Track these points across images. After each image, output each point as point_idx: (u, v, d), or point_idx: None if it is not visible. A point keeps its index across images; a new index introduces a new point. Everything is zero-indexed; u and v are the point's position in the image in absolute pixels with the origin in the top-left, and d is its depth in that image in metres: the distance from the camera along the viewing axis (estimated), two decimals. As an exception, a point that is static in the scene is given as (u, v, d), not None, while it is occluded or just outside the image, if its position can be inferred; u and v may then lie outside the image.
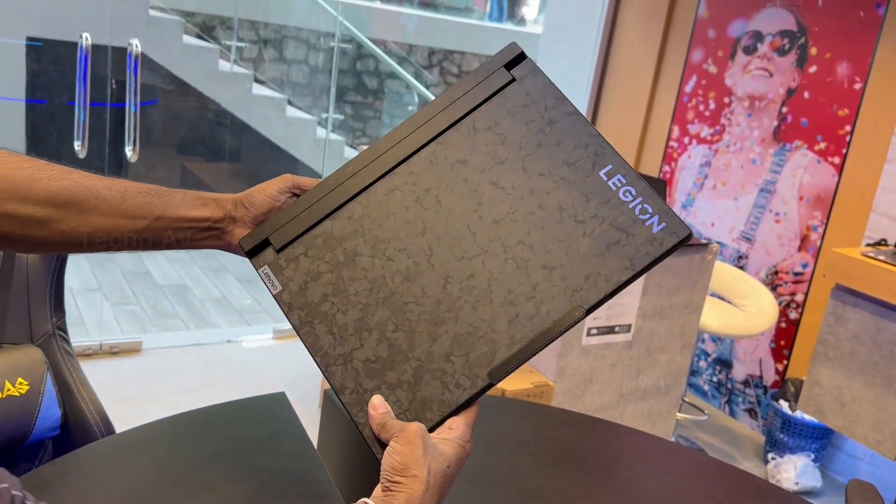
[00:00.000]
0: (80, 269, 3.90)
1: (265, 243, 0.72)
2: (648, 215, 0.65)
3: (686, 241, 0.64)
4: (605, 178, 0.67)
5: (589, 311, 0.63)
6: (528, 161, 0.69)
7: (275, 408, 1.18)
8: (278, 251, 0.71)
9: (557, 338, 0.64)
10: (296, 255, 0.71)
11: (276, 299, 0.70)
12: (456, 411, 0.63)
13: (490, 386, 0.63)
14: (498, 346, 0.63)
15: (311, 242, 0.71)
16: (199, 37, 5.51)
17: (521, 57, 0.74)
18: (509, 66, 0.74)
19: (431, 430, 0.63)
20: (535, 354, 0.64)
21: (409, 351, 0.65)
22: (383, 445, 0.62)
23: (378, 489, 0.60)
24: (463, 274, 0.67)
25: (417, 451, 0.59)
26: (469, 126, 0.72)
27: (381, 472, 0.60)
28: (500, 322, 0.64)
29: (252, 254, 0.73)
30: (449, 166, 0.71)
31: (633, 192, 0.66)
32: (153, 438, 1.06)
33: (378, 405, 0.64)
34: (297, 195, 0.75)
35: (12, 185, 0.65)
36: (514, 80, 0.73)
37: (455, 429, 0.62)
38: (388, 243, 0.69)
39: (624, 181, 0.66)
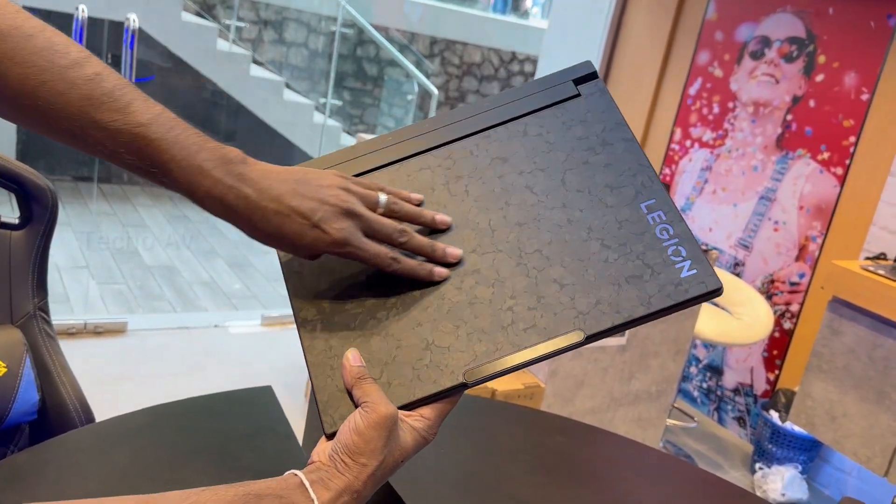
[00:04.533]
0: (67, 246, 3.85)
1: None
2: (681, 258, 0.60)
3: (714, 295, 0.59)
4: (644, 211, 0.63)
5: (589, 339, 0.58)
6: (569, 175, 0.66)
7: (260, 401, 1.14)
8: None
9: (548, 358, 0.58)
10: None
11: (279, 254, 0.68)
12: (425, 401, 0.58)
13: (463, 387, 0.58)
14: (483, 349, 0.59)
15: None
16: (199, 14, 5.44)
17: (593, 76, 0.72)
18: (578, 81, 0.72)
19: (399, 408, 0.58)
20: (518, 369, 0.59)
21: (388, 328, 0.61)
22: (343, 405, 0.58)
23: (322, 454, 0.56)
24: (470, 267, 0.63)
25: (379, 442, 0.54)
26: (520, 128, 0.69)
27: (335, 441, 0.55)
28: (493, 325, 0.60)
29: None
30: (488, 160, 0.68)
31: (671, 232, 0.61)
32: (133, 429, 1.02)
33: (353, 358, 0.59)
34: None
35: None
36: (578, 94, 0.71)
37: (426, 419, 0.58)
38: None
39: (664, 218, 0.62)
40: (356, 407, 0.57)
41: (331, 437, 0.57)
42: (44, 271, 1.30)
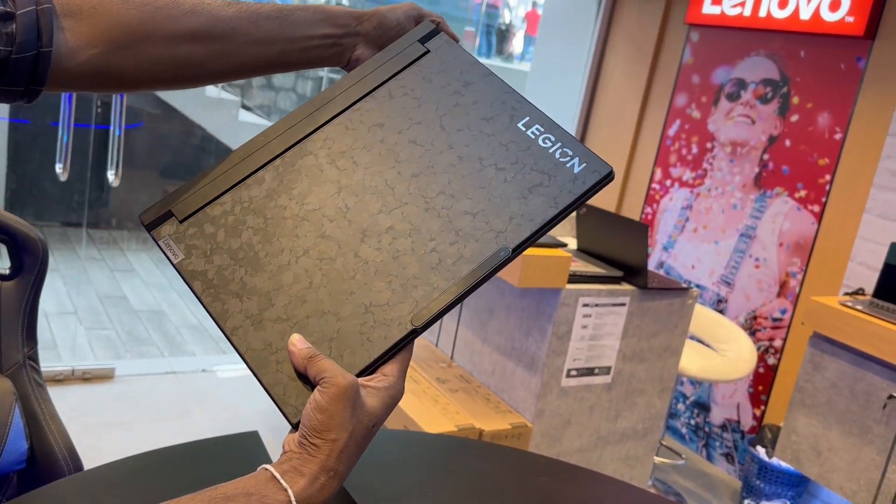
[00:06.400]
0: (55, 292, 3.85)
1: (167, 215, 0.68)
2: (569, 157, 0.65)
3: (608, 180, 0.64)
4: (523, 129, 0.68)
5: (515, 250, 0.62)
6: (445, 119, 0.70)
7: (247, 447, 1.15)
8: (181, 221, 0.67)
9: (484, 281, 0.61)
10: (201, 223, 0.67)
11: (176, 269, 0.66)
12: (382, 359, 0.59)
13: (414, 333, 0.59)
14: (421, 293, 0.61)
15: (218, 210, 0.67)
16: (188, 61, 5.51)
17: (435, 32, 0.76)
18: (423, 40, 0.75)
19: (358, 375, 0.58)
20: (461, 300, 0.61)
21: (321, 307, 0.62)
22: (301, 391, 0.57)
23: (292, 442, 0.55)
24: (382, 227, 0.65)
25: (345, 413, 0.53)
26: (384, 94, 0.72)
27: (300, 426, 0.54)
28: (423, 269, 0.62)
29: (152, 227, 0.68)
30: (365, 129, 0.70)
31: (552, 139, 0.67)
32: (121, 477, 1.03)
33: (298, 341, 0.58)
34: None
35: (153, 28, 0.63)
36: (428, 51, 0.74)
37: (388, 376, 0.58)
38: (301, 204, 0.67)
39: (542, 130, 0.67)
40: (314, 388, 0.56)
41: (297, 426, 0.56)
42: (33, 321, 1.32)
